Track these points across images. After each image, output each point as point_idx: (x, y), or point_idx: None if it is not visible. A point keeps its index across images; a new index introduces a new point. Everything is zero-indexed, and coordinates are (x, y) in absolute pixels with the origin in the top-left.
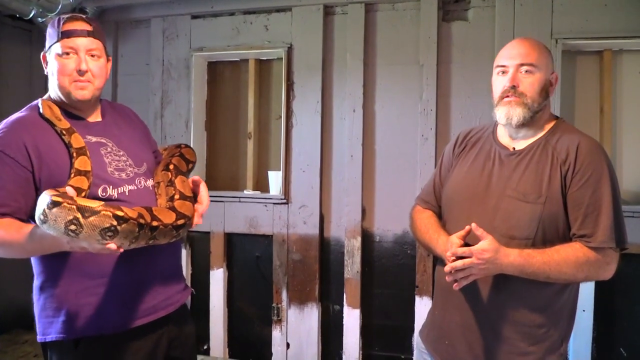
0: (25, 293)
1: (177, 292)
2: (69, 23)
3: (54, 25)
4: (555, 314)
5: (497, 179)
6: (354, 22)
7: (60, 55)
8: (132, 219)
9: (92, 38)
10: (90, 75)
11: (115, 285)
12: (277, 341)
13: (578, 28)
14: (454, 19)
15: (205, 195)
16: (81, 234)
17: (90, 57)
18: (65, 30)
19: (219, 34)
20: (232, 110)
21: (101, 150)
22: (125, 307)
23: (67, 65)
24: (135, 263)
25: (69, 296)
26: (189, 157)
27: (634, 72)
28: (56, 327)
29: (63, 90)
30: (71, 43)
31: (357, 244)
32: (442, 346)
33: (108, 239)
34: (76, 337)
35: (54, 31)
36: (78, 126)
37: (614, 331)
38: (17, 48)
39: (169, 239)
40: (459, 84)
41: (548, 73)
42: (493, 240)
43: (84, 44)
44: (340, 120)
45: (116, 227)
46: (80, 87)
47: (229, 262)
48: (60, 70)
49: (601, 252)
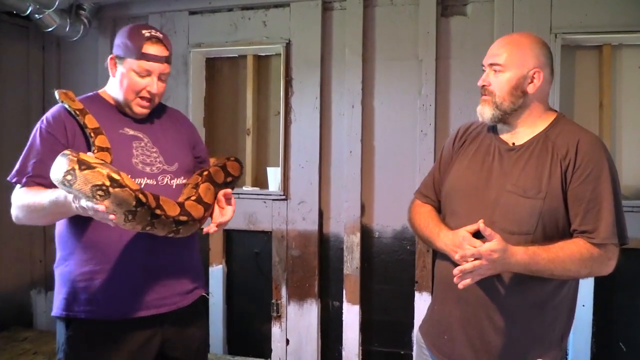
0: (24, 290)
1: (176, 294)
2: (150, 45)
3: (133, 39)
4: (555, 308)
5: (497, 174)
6: (353, 18)
7: (135, 72)
8: (128, 187)
9: (166, 64)
10: (153, 96)
11: (114, 276)
12: (276, 337)
13: (577, 23)
14: (453, 14)
15: (229, 208)
16: (74, 185)
17: (159, 80)
18: (146, 52)
19: (217, 30)
20: (231, 106)
21: (133, 143)
22: (117, 297)
23: (138, 84)
24: (139, 258)
25: (71, 277)
26: (231, 170)
27: (633, 67)
28: (58, 303)
29: (125, 100)
30: (148, 67)
31: (357, 240)
32: (442, 341)
33: (98, 198)
34: (68, 316)
35: (133, 46)
36: (122, 121)
37: (613, 326)
38: (14, 44)
39: (167, 233)
40: (458, 79)
41: (525, 70)
42: (501, 240)
43: (159, 69)
44: (339, 116)
45: (107, 188)
46: (143, 105)
47: (228, 259)
48: (131, 86)
49: (603, 248)
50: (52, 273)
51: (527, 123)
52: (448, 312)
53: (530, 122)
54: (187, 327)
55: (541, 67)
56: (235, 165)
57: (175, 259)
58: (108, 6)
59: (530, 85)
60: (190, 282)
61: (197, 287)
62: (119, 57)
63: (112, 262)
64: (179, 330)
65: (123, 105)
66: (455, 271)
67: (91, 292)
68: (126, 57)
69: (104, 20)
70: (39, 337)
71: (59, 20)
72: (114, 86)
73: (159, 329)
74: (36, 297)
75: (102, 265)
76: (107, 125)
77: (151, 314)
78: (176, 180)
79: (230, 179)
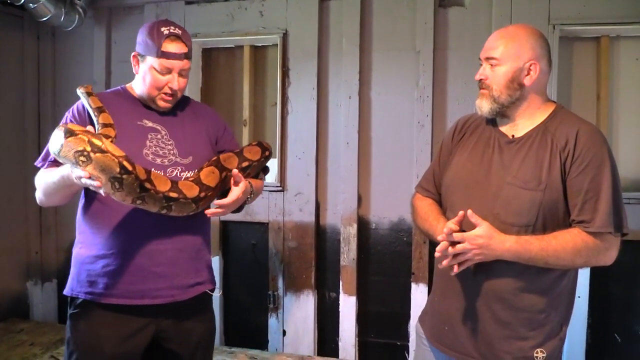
0: (20, 282)
1: (174, 286)
2: (169, 43)
3: (153, 37)
4: (555, 298)
5: (497, 167)
6: (350, 8)
7: (156, 70)
8: (110, 153)
9: (187, 60)
10: (177, 91)
11: (114, 262)
12: (273, 328)
13: (575, 14)
14: (451, 5)
15: (235, 192)
16: (60, 152)
17: (180, 76)
18: (165, 51)
19: (214, 20)
20: (227, 97)
21: (149, 134)
22: (114, 283)
23: (160, 81)
24: (142, 247)
25: (79, 259)
26: (248, 155)
27: (631, 58)
28: (69, 283)
29: (149, 96)
30: (168, 64)
31: (353, 231)
32: (443, 332)
33: (81, 164)
34: (72, 294)
35: (153, 45)
36: (143, 113)
37: (608, 317)
38: (8, 34)
39: (158, 209)
40: (456, 70)
41: (521, 62)
42: (488, 227)
43: (179, 66)
44: (336, 106)
45: (89, 153)
46: (166, 100)
47: (224, 250)
48: (153, 83)
49: (599, 237)
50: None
51: (525, 115)
52: (448, 304)
53: (529, 114)
54: (184, 321)
55: (537, 59)
56: (254, 149)
57: (180, 253)
58: None
59: (527, 78)
60: (192, 277)
61: (200, 283)
62: (141, 55)
63: (114, 248)
64: (175, 322)
65: (147, 100)
66: (437, 254)
67: (92, 275)
68: (147, 55)
69: (99, 9)
70: (35, 328)
71: (54, 10)
72: (137, 83)
73: (152, 319)
74: (32, 289)
75: (105, 251)
76: (126, 117)
77: (145, 304)
78: (187, 173)
79: (246, 164)
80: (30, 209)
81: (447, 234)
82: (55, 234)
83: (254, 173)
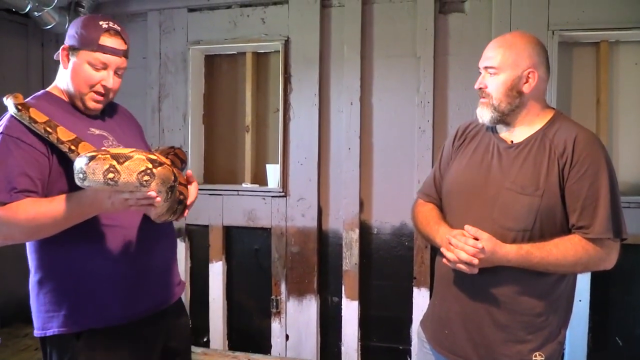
0: (26, 287)
1: (174, 285)
2: (107, 37)
3: (89, 29)
4: (554, 302)
5: (496, 172)
6: (351, 15)
7: (91, 64)
8: (166, 163)
9: (124, 58)
10: (108, 91)
11: (116, 280)
12: (276, 333)
13: (574, 19)
14: (451, 11)
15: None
16: (120, 180)
17: (115, 75)
18: (103, 45)
19: (216, 27)
20: (230, 103)
21: (104, 142)
22: (128, 299)
23: (93, 77)
24: (132, 257)
25: (69, 291)
26: (182, 156)
27: (630, 63)
28: (58, 321)
29: (78, 93)
30: (105, 59)
31: (355, 236)
32: (443, 335)
33: (145, 184)
34: (80, 330)
35: (90, 38)
36: (84, 120)
37: (609, 321)
38: (13, 42)
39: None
40: (456, 76)
41: (519, 71)
42: (489, 240)
43: (116, 63)
44: (337, 113)
45: (152, 170)
46: (96, 100)
47: (227, 255)
48: (85, 79)
49: (599, 243)
50: None
51: (525, 122)
52: (448, 308)
53: (528, 120)
54: (179, 317)
55: (535, 67)
56: (182, 152)
57: (167, 251)
58: (106, 3)
59: (526, 85)
60: (177, 274)
61: (180, 279)
62: (73, 48)
63: (109, 267)
64: (176, 320)
65: (75, 98)
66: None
67: (99, 300)
68: (81, 48)
69: None
70: None
71: (58, 18)
72: (64, 78)
73: (163, 322)
74: None
75: (101, 271)
76: (75, 128)
77: (160, 310)
78: None
79: (184, 165)
80: None
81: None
82: None
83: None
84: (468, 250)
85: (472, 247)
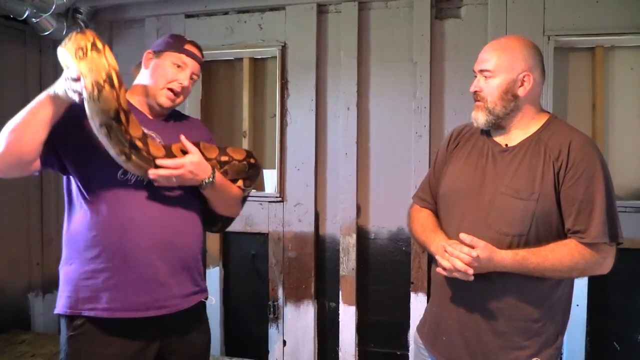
0: (22, 293)
1: (175, 296)
2: (191, 46)
3: (176, 39)
4: (551, 308)
5: (491, 176)
6: (348, 21)
7: (173, 63)
8: (107, 61)
9: (200, 66)
10: (182, 92)
11: (114, 275)
12: (273, 338)
13: (570, 25)
14: (447, 17)
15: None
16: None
17: (190, 79)
18: (187, 49)
19: (214, 33)
20: (227, 108)
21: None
22: (118, 296)
23: (172, 74)
24: (141, 258)
25: (74, 275)
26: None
27: (625, 68)
28: (61, 301)
29: (155, 88)
30: (187, 60)
31: (352, 241)
32: (440, 342)
33: (78, 58)
34: (71, 313)
35: (176, 43)
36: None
37: (607, 325)
38: (11, 48)
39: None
40: (452, 82)
41: (514, 74)
42: (486, 247)
43: (194, 67)
44: (334, 118)
45: (87, 51)
46: (169, 97)
47: (225, 261)
48: (164, 74)
49: (595, 248)
50: (50, 275)
51: (520, 125)
52: (446, 315)
53: (523, 124)
54: (187, 334)
55: (530, 70)
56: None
57: (177, 262)
58: (105, 10)
59: (521, 89)
60: (190, 285)
61: (197, 292)
62: (157, 52)
63: (115, 260)
64: (179, 336)
65: (150, 96)
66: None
67: (93, 290)
68: (165, 50)
69: (100, 23)
70: (36, 340)
71: (56, 24)
72: (144, 76)
73: (159, 332)
74: (34, 300)
75: (105, 263)
76: None
77: (150, 316)
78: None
79: (225, 158)
80: (32, 221)
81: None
82: (57, 246)
83: (232, 173)
84: (463, 259)
85: (467, 255)
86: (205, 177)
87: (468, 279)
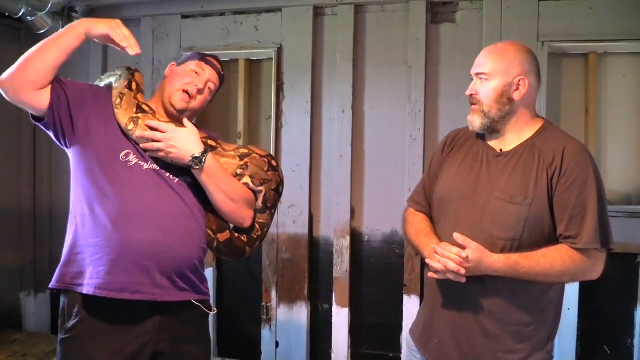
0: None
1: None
2: (212, 59)
3: (199, 53)
4: (542, 312)
5: (485, 180)
6: (344, 23)
7: (192, 69)
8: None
9: (218, 77)
10: (197, 96)
11: (98, 251)
12: (266, 340)
13: (564, 31)
14: (442, 21)
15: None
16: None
17: (206, 87)
18: (208, 59)
19: (209, 34)
20: (222, 110)
21: None
22: (99, 272)
23: (189, 76)
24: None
25: (65, 251)
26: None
27: (618, 75)
28: (55, 275)
29: (170, 90)
30: (205, 68)
31: (346, 244)
32: (432, 345)
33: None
34: (59, 287)
35: (197, 54)
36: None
37: (598, 329)
38: (5, 46)
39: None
40: (447, 85)
41: (510, 78)
42: (477, 249)
43: (211, 76)
44: (329, 120)
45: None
46: (183, 99)
47: (218, 261)
48: (182, 76)
49: (586, 254)
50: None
51: (515, 130)
52: (438, 317)
53: (518, 128)
54: (182, 343)
55: (526, 74)
56: (261, 149)
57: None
58: (100, 9)
59: (516, 93)
60: (178, 281)
61: (184, 290)
62: (179, 63)
63: (102, 237)
64: (173, 345)
65: (165, 97)
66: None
67: (81, 266)
68: (187, 60)
69: None
70: (28, 339)
71: (51, 23)
72: (162, 85)
73: (151, 338)
74: (25, 299)
75: (94, 238)
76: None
77: (124, 298)
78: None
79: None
80: (25, 220)
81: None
82: (49, 245)
83: (252, 167)
84: (454, 259)
85: (457, 256)
86: (194, 152)
87: (460, 280)
